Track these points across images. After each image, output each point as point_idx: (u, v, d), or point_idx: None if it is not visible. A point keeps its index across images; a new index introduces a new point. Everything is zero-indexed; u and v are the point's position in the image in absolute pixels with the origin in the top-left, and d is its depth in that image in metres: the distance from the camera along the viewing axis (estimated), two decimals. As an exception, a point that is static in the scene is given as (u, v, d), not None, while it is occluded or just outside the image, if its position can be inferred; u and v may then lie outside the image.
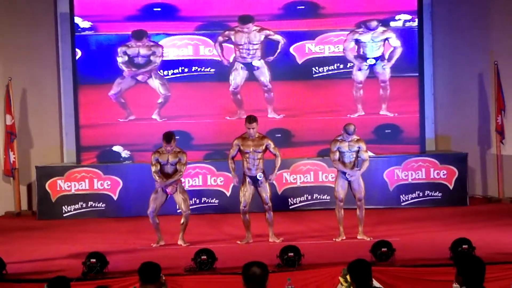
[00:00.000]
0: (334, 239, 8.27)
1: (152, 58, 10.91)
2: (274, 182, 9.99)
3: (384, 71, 11.01)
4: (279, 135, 10.72)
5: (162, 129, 8.58)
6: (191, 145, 10.58)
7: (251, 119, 8.30)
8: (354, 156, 8.33)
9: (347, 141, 8.33)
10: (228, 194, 10.65)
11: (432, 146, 11.54)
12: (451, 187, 10.68)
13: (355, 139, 8.35)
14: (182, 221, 8.33)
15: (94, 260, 6.80)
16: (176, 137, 8.51)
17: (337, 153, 8.34)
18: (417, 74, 11.16)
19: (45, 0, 11.53)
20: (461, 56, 11.57)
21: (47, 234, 9.48)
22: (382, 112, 11.06)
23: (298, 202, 10.72)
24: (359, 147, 8.33)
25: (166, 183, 8.27)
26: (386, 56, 11.04)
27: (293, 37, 11.08)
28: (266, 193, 8.30)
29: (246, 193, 8.30)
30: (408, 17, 11.11)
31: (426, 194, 10.69)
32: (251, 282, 4.08)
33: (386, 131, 11.10)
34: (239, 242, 8.32)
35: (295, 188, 10.72)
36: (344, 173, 8.33)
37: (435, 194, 10.68)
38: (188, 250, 7.54)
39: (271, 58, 10.95)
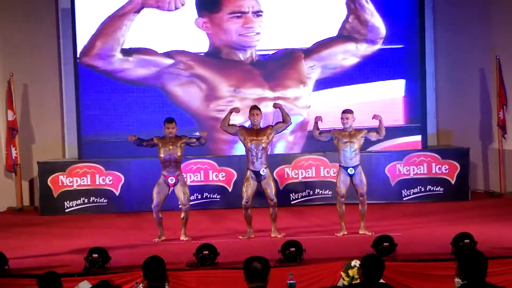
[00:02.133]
0: (335, 234, 8.27)
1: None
2: (276, 176, 10.02)
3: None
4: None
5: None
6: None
7: (255, 106, 8.46)
8: (356, 148, 8.27)
9: (348, 131, 8.28)
10: (229, 189, 10.65)
11: (433, 141, 11.53)
12: (452, 182, 10.67)
13: (355, 129, 8.30)
14: (182, 215, 8.34)
15: (96, 255, 6.81)
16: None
17: (326, 136, 8.29)
18: (418, 69, 11.16)
19: (46, -5, 11.54)
20: (463, 51, 11.55)
21: (49, 229, 9.49)
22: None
23: (299, 197, 10.72)
24: (364, 137, 8.27)
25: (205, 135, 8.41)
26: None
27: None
28: (270, 189, 8.30)
29: (249, 189, 8.30)
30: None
31: (427, 189, 10.68)
32: (252, 277, 4.08)
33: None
34: (240, 237, 8.33)
35: (296, 183, 10.72)
36: (346, 169, 8.32)
37: (436, 189, 10.67)
38: (190, 245, 7.55)
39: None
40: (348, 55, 11.09)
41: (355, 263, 6.44)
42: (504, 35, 11.35)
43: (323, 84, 11.04)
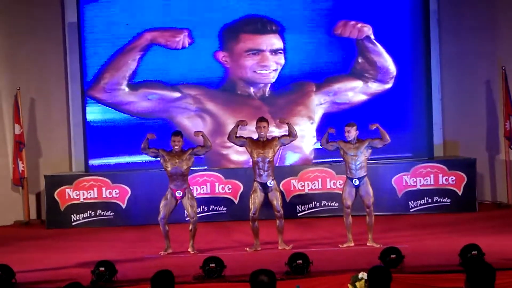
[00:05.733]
0: (339, 246, 8.25)
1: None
2: (282, 188, 10.01)
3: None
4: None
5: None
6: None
7: (262, 117, 8.44)
8: (362, 160, 8.27)
9: (352, 143, 8.29)
10: (236, 201, 10.65)
11: (440, 152, 11.51)
12: (460, 193, 10.64)
13: (360, 140, 8.30)
14: (190, 228, 8.33)
15: (103, 268, 6.81)
16: None
17: (333, 145, 8.35)
18: (424, 80, 11.18)
19: (53, 10, 11.58)
20: (469, 62, 11.55)
21: (56, 243, 9.50)
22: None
23: (306, 210, 10.70)
24: (369, 147, 8.26)
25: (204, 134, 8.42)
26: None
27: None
28: (277, 200, 8.29)
29: (256, 200, 8.29)
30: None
31: (435, 200, 10.65)
32: (259, 290, 4.07)
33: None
34: (247, 249, 8.31)
35: (303, 195, 10.70)
36: (352, 180, 8.31)
37: (444, 200, 10.64)
38: (197, 258, 7.53)
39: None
40: (357, 92, 11.12)
41: (362, 275, 6.41)
42: (510, 46, 11.35)
43: (329, 118, 10.94)
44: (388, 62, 11.11)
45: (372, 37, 11.09)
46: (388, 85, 11.14)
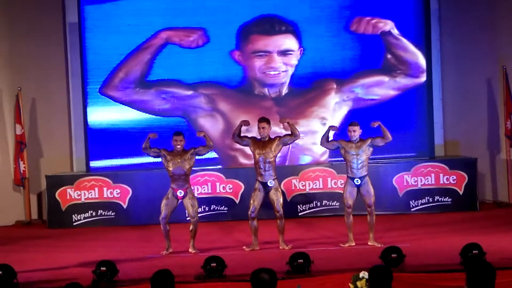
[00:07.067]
0: (341, 245, 8.25)
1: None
2: (283, 188, 10.02)
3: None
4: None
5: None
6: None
7: (262, 118, 8.45)
8: (363, 159, 8.28)
9: (354, 143, 8.30)
10: (237, 201, 10.66)
11: (441, 151, 11.51)
12: (461, 193, 10.64)
13: (361, 139, 8.30)
14: (190, 228, 8.35)
15: (104, 268, 6.83)
16: None
17: (334, 145, 8.38)
18: (425, 80, 11.17)
19: (54, 10, 11.60)
20: (469, 61, 11.55)
21: (57, 242, 9.51)
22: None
23: (307, 209, 10.71)
24: (370, 145, 8.26)
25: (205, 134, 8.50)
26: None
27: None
28: (277, 200, 8.30)
29: (256, 199, 8.31)
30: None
31: (435, 200, 10.65)
32: (260, 289, 4.08)
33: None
34: (245, 248, 8.32)
35: (304, 194, 10.71)
36: (353, 179, 8.32)
37: (444, 200, 10.65)
38: (198, 258, 7.55)
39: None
40: (385, 87, 11.12)
41: (364, 274, 6.42)
42: (511, 45, 11.34)
43: (355, 114, 10.87)
44: (416, 55, 11.08)
45: (396, 31, 11.03)
46: (420, 79, 11.10)
